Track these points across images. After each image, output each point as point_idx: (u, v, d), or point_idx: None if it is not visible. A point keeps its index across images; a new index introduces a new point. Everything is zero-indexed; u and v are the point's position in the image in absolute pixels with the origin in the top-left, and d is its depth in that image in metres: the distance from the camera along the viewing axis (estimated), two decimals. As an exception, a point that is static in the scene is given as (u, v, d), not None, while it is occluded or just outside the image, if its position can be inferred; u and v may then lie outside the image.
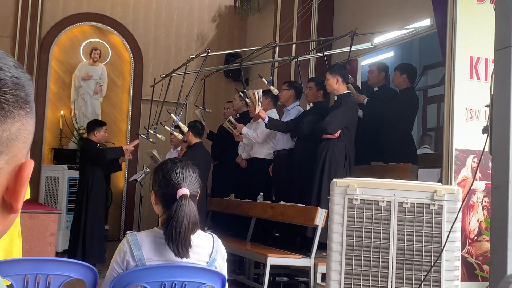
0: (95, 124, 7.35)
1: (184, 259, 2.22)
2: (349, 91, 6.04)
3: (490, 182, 4.15)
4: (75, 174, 8.45)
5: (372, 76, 6.81)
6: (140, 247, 2.21)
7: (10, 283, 2.06)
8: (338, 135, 5.82)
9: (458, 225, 3.31)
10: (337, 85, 5.92)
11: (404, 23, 7.12)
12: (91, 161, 7.08)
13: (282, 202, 6.19)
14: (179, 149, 8.01)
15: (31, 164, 0.75)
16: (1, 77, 0.72)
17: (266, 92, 6.88)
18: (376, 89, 6.82)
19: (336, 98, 6.14)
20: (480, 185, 4.59)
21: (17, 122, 0.73)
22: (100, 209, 7.18)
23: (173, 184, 2.24)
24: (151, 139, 8.04)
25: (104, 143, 8.07)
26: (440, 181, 5.15)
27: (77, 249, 6.89)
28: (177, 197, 2.20)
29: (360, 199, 3.39)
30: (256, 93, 6.26)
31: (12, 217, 0.76)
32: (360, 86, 7.72)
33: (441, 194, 3.32)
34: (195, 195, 2.28)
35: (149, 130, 7.93)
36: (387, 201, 3.36)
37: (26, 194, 0.77)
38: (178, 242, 2.17)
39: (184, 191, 2.22)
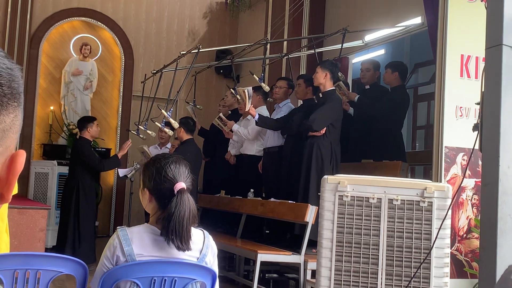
0: (86, 121, 7.26)
1: (176, 254, 2.21)
2: (334, 88, 6.05)
3: (479, 180, 4.17)
4: (65, 170, 8.41)
5: (368, 74, 6.80)
6: (130, 243, 2.19)
7: (-1, 278, 2.05)
8: (323, 132, 5.83)
9: (448, 222, 3.33)
10: (324, 80, 5.93)
11: (395, 21, 7.13)
12: (87, 166, 7.02)
13: (272, 199, 6.19)
14: (169, 145, 7.99)
15: (23, 155, 0.75)
16: None
17: (257, 89, 6.88)
18: (367, 87, 6.82)
19: (321, 95, 6.15)
20: (469, 183, 4.61)
21: (11, 114, 0.73)
22: (90, 206, 7.13)
23: (169, 179, 2.23)
24: (141, 135, 8.02)
25: (95, 139, 8.04)
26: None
27: (66, 247, 6.84)
28: (175, 192, 2.19)
29: (351, 196, 3.39)
30: (246, 91, 6.26)
31: (3, 206, 0.76)
32: (350, 83, 7.72)
33: (431, 191, 3.33)
34: (190, 189, 2.28)
35: (140, 126, 7.91)
36: (377, 198, 3.37)
37: (14, 188, 0.77)
38: (182, 236, 2.16)
39: (182, 185, 2.21)
